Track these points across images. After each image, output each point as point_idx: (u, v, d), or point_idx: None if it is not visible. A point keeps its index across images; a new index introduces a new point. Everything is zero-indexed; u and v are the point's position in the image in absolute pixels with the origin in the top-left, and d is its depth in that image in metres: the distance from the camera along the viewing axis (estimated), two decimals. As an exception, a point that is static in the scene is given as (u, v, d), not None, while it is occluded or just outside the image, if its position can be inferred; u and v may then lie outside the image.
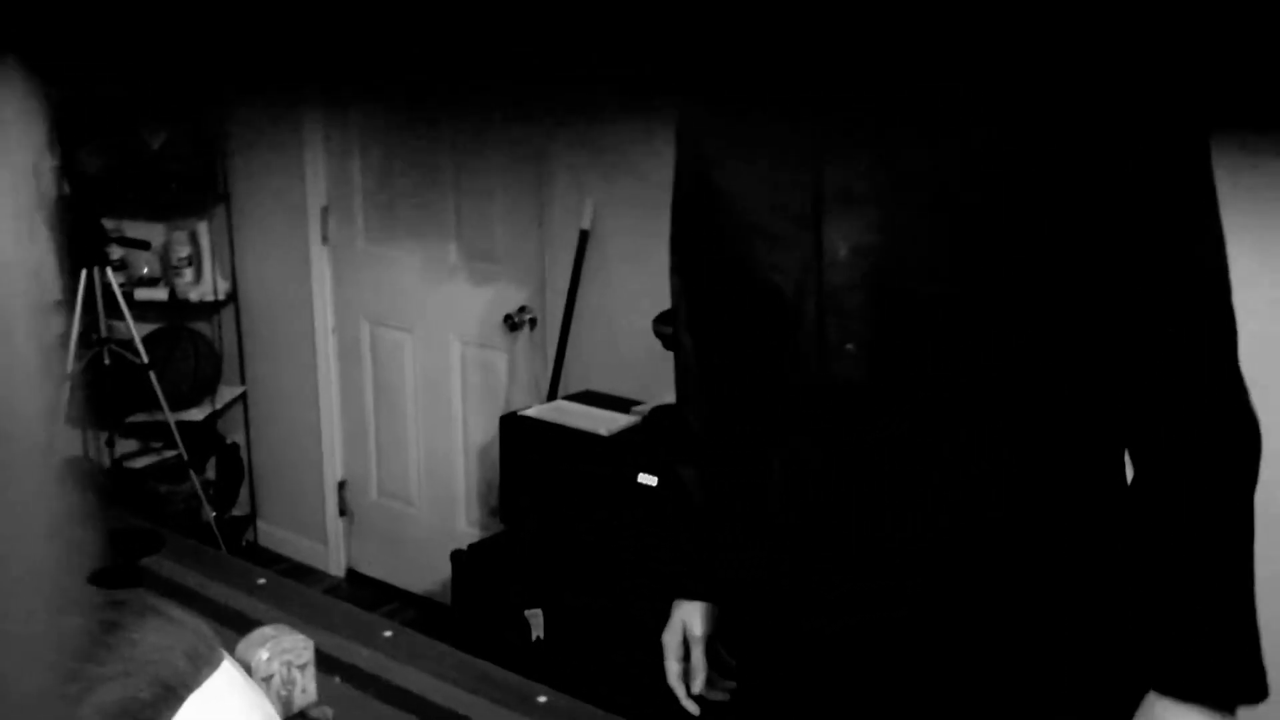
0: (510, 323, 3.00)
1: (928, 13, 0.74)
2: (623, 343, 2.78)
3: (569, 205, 2.82)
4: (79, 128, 3.28)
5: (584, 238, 2.77)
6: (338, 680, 1.38)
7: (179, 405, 3.41)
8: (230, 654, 0.80)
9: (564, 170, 2.83)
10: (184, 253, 3.50)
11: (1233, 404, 1.02)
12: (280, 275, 3.50)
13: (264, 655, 1.24)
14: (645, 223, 2.69)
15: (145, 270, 3.56)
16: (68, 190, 3.30)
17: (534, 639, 2.49)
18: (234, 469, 3.71)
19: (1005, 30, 0.68)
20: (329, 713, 1.29)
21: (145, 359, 3.24)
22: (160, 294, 3.51)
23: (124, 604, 0.65)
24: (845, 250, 1.02)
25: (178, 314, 3.56)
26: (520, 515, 2.66)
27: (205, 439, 3.61)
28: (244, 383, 3.68)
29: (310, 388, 3.53)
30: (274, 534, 3.75)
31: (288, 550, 3.70)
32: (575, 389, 2.85)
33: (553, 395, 2.84)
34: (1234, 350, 1.02)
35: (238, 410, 3.71)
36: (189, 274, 3.52)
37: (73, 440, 3.42)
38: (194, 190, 3.46)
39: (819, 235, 1.03)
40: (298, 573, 3.46)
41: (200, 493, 3.46)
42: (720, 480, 1.26)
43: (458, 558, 2.70)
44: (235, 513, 3.72)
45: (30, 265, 0.28)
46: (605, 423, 2.53)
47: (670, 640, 1.30)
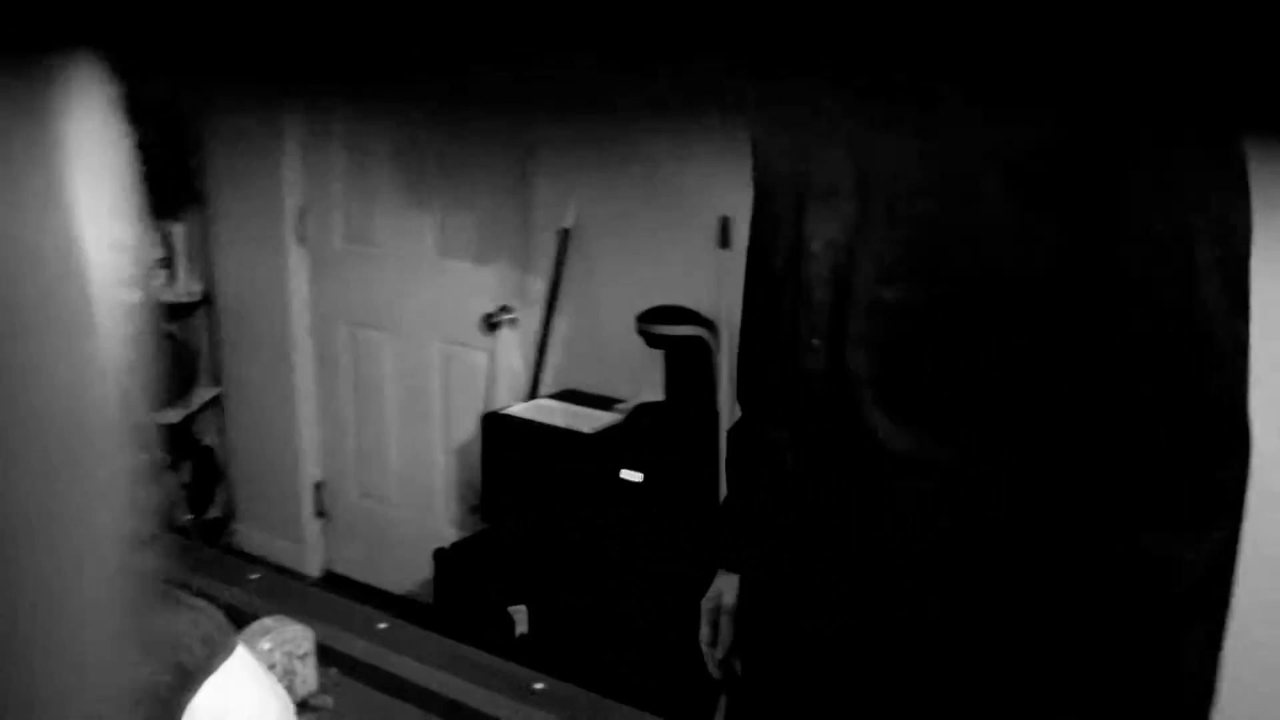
0: (491, 322, 3.01)
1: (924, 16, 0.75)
2: (604, 341, 2.80)
3: (551, 204, 2.83)
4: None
5: (565, 236, 2.79)
6: (335, 672, 1.39)
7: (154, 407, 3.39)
8: None
9: (546, 169, 2.84)
10: (158, 254, 3.48)
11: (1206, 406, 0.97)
12: (256, 276, 3.49)
13: (265, 645, 1.24)
14: (627, 222, 2.71)
15: (119, 271, 3.53)
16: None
17: (518, 635, 2.50)
18: (210, 471, 3.70)
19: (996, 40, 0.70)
20: (329, 702, 1.30)
21: (121, 360, 3.21)
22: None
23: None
24: (818, 244, 1.04)
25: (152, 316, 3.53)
26: (503, 513, 2.67)
27: (181, 441, 3.59)
28: (219, 384, 3.66)
29: (287, 389, 3.52)
30: (250, 535, 3.73)
31: (264, 552, 3.68)
32: (556, 388, 2.86)
33: (534, 394, 2.85)
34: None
35: (213, 412, 3.69)
36: (163, 275, 3.50)
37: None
38: (169, 191, 3.44)
39: (800, 226, 1.05)
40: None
41: (176, 495, 3.43)
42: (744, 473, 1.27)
43: (440, 555, 2.71)
44: (211, 515, 3.70)
45: (122, 263, 0.28)
46: (588, 420, 2.55)
47: (707, 607, 1.33)
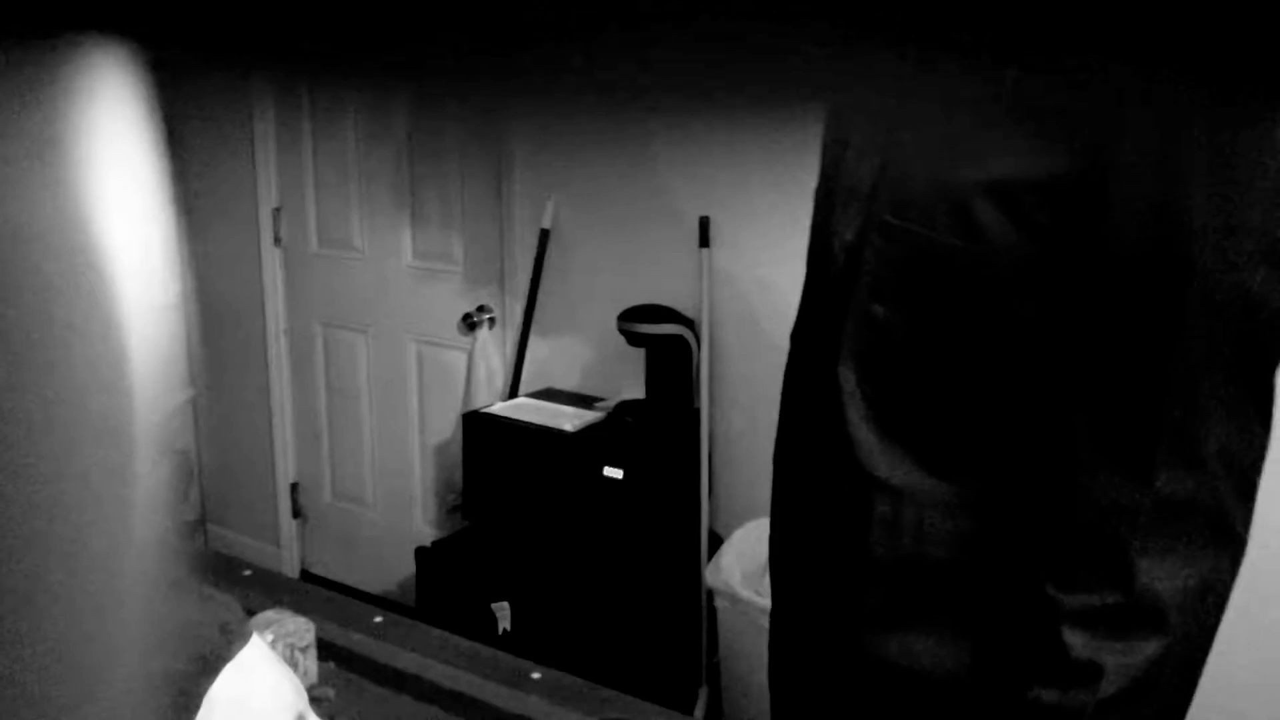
0: (469, 322, 3.02)
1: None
2: (584, 340, 2.82)
3: (529, 204, 2.85)
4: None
5: (545, 236, 2.80)
6: (333, 665, 1.40)
7: (128, 408, 3.37)
8: None
9: (524, 169, 2.86)
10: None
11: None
12: (231, 277, 3.48)
13: (268, 638, 1.26)
14: (607, 221, 2.74)
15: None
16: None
17: (501, 632, 2.52)
18: (183, 473, 3.68)
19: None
20: (330, 693, 1.31)
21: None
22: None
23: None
24: (836, 245, 1.04)
25: (125, 316, 3.52)
26: (484, 512, 2.68)
27: (154, 442, 3.57)
28: (193, 386, 3.65)
29: (261, 390, 3.51)
30: (225, 537, 3.72)
31: (240, 553, 3.66)
32: (535, 387, 2.88)
33: (513, 393, 2.87)
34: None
35: (187, 413, 3.67)
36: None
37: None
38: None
39: (829, 224, 1.05)
40: (251, 576, 3.44)
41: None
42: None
43: (422, 554, 2.72)
44: (185, 517, 3.68)
45: (156, 264, 0.28)
46: (570, 418, 2.57)
47: None
